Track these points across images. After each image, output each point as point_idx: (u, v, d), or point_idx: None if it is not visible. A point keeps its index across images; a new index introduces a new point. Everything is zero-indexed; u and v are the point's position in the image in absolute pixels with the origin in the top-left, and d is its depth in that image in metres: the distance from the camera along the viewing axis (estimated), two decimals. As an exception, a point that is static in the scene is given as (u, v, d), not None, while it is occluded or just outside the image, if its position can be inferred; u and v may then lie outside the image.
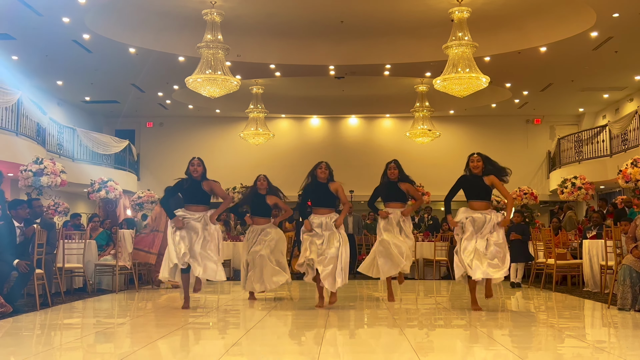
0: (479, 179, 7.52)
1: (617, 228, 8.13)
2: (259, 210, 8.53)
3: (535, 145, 21.35)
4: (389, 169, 8.36)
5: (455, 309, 7.71)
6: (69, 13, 11.83)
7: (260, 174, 8.59)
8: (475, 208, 7.51)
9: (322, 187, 7.77)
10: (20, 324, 6.62)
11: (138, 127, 21.70)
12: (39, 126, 14.90)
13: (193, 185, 7.69)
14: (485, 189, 7.56)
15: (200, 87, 12.19)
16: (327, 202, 7.81)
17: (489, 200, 7.64)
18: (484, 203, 7.55)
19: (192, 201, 7.68)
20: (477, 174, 7.53)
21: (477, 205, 7.52)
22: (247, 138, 17.92)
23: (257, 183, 8.54)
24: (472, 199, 7.57)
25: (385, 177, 8.39)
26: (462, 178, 7.65)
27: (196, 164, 7.73)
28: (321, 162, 7.88)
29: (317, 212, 7.76)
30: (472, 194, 7.58)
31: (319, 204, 7.79)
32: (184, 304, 7.67)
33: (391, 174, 8.33)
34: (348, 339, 5.91)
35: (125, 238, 10.58)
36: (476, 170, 7.53)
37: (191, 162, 7.79)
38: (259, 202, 8.50)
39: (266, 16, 13.01)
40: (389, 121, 21.80)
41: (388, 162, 8.46)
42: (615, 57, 14.43)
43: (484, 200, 7.56)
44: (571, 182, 14.54)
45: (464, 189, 7.63)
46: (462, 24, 11.87)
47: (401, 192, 8.34)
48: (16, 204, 7.99)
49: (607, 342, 5.83)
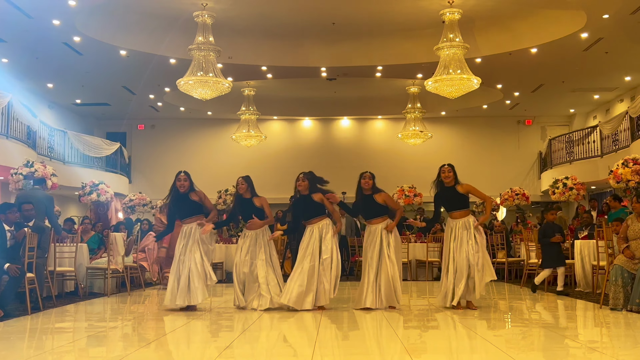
0: (453, 190, 7.76)
1: (609, 228, 8.16)
2: (249, 215, 8.09)
3: (526, 146, 21.43)
4: (363, 177, 7.98)
5: (448, 310, 7.71)
6: (59, 15, 11.77)
7: (239, 177, 8.15)
8: (456, 217, 7.76)
9: (307, 199, 7.83)
10: (11, 328, 6.58)
11: (129, 129, 21.63)
12: (30, 129, 14.83)
13: (182, 200, 7.76)
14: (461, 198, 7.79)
15: (191, 89, 12.16)
16: (316, 213, 7.84)
17: (467, 209, 7.85)
18: (463, 212, 7.75)
19: (186, 215, 7.81)
20: (449, 185, 7.78)
21: (457, 214, 7.75)
22: (239, 140, 17.90)
23: (238, 188, 8.15)
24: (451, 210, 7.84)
25: (359, 190, 8.02)
26: (436, 195, 7.94)
27: (182, 178, 7.78)
28: (299, 175, 7.93)
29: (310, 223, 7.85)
30: (450, 205, 7.84)
31: (308, 218, 7.85)
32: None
33: (365, 184, 7.94)
34: (341, 341, 5.90)
35: (117, 241, 10.53)
36: (447, 180, 7.77)
37: (177, 177, 7.82)
38: (247, 207, 8.07)
39: (258, 18, 13.00)
40: (381, 123, 21.83)
41: (362, 172, 8.11)
42: (606, 58, 14.50)
43: (462, 210, 7.76)
44: (562, 182, 14.58)
45: (443, 203, 7.91)
46: (453, 25, 11.90)
47: (379, 206, 7.92)
48: (5, 208, 7.94)
49: (599, 342, 5.85)
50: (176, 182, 7.79)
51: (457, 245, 7.63)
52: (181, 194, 7.77)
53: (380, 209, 7.92)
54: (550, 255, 9.82)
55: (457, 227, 7.68)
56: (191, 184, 7.84)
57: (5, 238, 7.62)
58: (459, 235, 7.64)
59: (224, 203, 16.27)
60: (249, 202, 8.02)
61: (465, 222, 7.68)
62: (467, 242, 7.59)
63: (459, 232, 7.66)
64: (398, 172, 18.91)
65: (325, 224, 7.84)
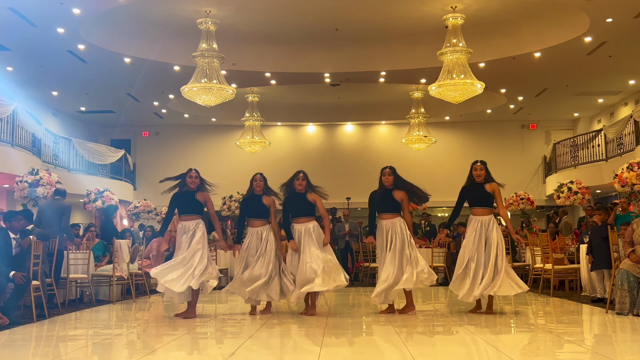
0: (481, 186, 7.75)
1: (614, 233, 8.13)
2: (255, 212, 8.04)
3: (530, 151, 21.41)
4: (383, 174, 8.04)
5: (454, 316, 7.69)
6: (63, 24, 11.83)
7: (257, 173, 8.28)
8: (476, 214, 7.72)
9: (301, 197, 7.96)
10: (17, 335, 6.58)
11: (134, 136, 21.68)
12: (35, 137, 14.88)
13: (187, 196, 7.80)
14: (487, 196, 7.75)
15: (195, 96, 12.19)
16: (307, 212, 7.95)
17: (490, 208, 7.81)
18: (486, 210, 7.74)
19: (186, 211, 7.79)
20: (479, 182, 7.76)
21: (479, 211, 7.72)
22: (243, 146, 17.92)
23: (254, 183, 8.15)
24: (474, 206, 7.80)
25: (380, 184, 8.07)
26: (463, 188, 7.89)
27: (194, 176, 7.86)
28: (299, 173, 8.11)
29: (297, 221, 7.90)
30: (474, 201, 7.80)
31: (297, 215, 7.94)
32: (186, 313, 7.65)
33: (386, 181, 8.00)
34: (347, 347, 5.89)
35: (122, 248, 10.54)
36: (479, 179, 7.75)
37: (189, 174, 7.88)
38: (256, 203, 8.06)
39: (261, 25, 13.03)
40: (384, 128, 21.83)
41: (383, 167, 8.17)
42: (610, 62, 14.48)
43: (485, 207, 7.75)
44: (567, 186, 14.56)
45: (467, 197, 7.87)
46: (456, 30, 11.91)
47: (395, 202, 7.97)
48: (10, 216, 7.95)
49: (605, 347, 5.82)
50: (187, 178, 7.85)
51: (478, 242, 7.59)
52: (189, 190, 7.81)
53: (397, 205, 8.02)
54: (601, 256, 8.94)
55: (480, 225, 7.64)
56: (201, 182, 7.88)
57: (11, 246, 7.64)
58: (482, 234, 7.61)
59: (229, 209, 16.29)
60: (258, 198, 8.04)
61: (485, 221, 7.66)
62: (490, 243, 7.56)
63: (482, 230, 7.62)
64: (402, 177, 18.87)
65: (313, 226, 7.84)
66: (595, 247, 8.95)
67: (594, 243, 9.04)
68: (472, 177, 7.83)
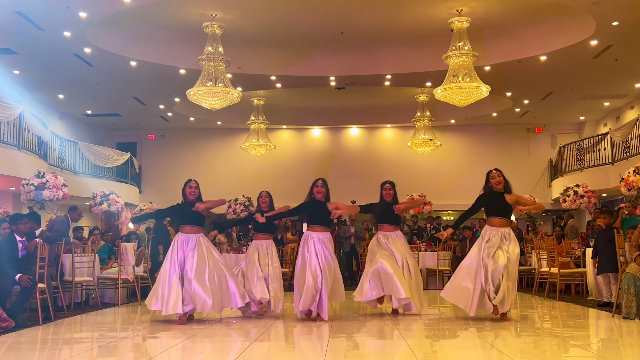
0: (501, 196, 7.47)
1: (620, 236, 8.11)
2: (262, 226, 8.28)
3: (536, 154, 21.34)
4: (384, 189, 8.23)
5: (459, 319, 7.67)
6: (70, 27, 11.87)
7: (263, 191, 8.51)
8: (494, 225, 7.42)
9: (322, 205, 7.77)
10: (23, 338, 6.60)
11: (139, 139, 21.73)
12: (41, 140, 14.92)
13: (187, 207, 7.74)
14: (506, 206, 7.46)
15: (201, 99, 12.21)
16: (325, 221, 7.82)
17: (508, 219, 7.50)
18: (504, 220, 7.44)
19: (187, 222, 7.73)
20: (498, 190, 7.48)
21: (497, 221, 7.42)
22: (249, 149, 17.94)
23: (260, 200, 8.43)
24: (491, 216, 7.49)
25: (381, 198, 8.25)
26: (481, 195, 7.61)
27: (194, 186, 7.80)
28: (318, 181, 7.86)
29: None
30: (492, 210, 7.49)
31: (315, 223, 7.81)
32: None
33: (386, 195, 8.19)
34: (352, 350, 5.88)
35: (127, 251, 10.56)
36: (498, 186, 7.48)
37: (189, 184, 7.82)
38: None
39: (266, 28, 13.06)
40: (390, 131, 21.82)
41: (383, 182, 8.35)
42: (616, 65, 14.44)
43: (503, 218, 7.45)
44: (573, 190, 14.53)
45: (485, 205, 7.58)
46: (462, 33, 11.90)
47: (396, 215, 8.17)
48: (17, 219, 7.99)
49: (612, 351, 5.80)
50: (186, 188, 7.81)
51: (492, 250, 7.20)
52: (189, 201, 7.75)
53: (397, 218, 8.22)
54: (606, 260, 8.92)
55: (495, 235, 7.31)
56: (199, 193, 7.83)
57: (17, 249, 7.67)
58: (496, 242, 7.24)
59: (234, 212, 16.31)
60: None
61: (505, 232, 7.33)
62: (505, 251, 7.20)
63: (496, 239, 7.26)
64: (407, 181, 18.84)
65: (327, 237, 7.74)
66: (601, 250, 8.92)
67: (599, 246, 9.01)
68: (489, 186, 7.55)
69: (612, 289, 8.67)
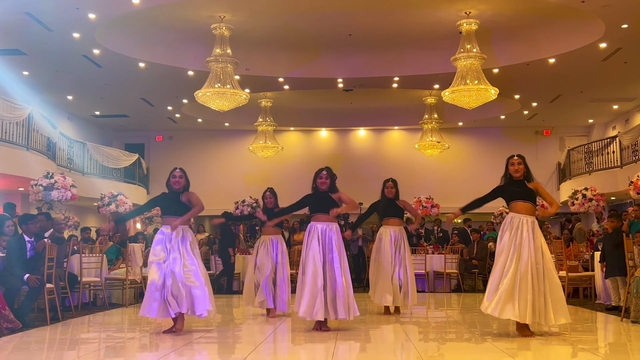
0: (522, 183, 6.64)
1: (629, 240, 8.06)
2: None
3: (545, 157, 21.25)
4: (387, 187, 8.66)
5: (466, 322, 7.65)
6: (79, 28, 11.92)
7: (266, 190, 8.53)
8: (519, 210, 6.53)
9: (325, 195, 7.11)
10: (31, 338, 6.62)
11: (147, 141, 21.79)
12: (50, 141, 14.99)
13: (172, 197, 7.12)
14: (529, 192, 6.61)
15: (209, 101, 12.24)
16: (328, 209, 7.06)
17: (535, 205, 6.63)
18: (530, 206, 6.55)
19: (169, 212, 7.08)
20: (518, 179, 6.64)
21: (522, 206, 6.53)
22: (256, 151, 17.96)
23: (265, 200, 8.51)
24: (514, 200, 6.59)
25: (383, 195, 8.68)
26: (499, 186, 6.74)
27: (178, 175, 7.08)
28: (322, 171, 7.16)
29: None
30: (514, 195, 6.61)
31: (319, 211, 7.12)
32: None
33: (388, 192, 8.60)
34: (359, 353, 5.87)
35: (135, 252, 10.59)
36: (517, 174, 6.64)
37: (172, 173, 7.13)
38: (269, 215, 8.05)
39: (274, 30, 13.07)
40: (397, 133, 21.79)
41: (385, 180, 8.78)
42: (625, 68, 14.38)
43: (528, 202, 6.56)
44: (582, 193, 14.47)
45: (504, 194, 6.68)
46: (470, 36, 11.88)
47: (400, 209, 8.62)
48: (27, 219, 8.02)
49: (620, 355, 5.77)
50: (170, 178, 7.11)
51: (520, 243, 6.32)
52: (174, 190, 7.08)
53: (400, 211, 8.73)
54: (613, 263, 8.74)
55: (522, 222, 6.40)
56: (186, 183, 7.14)
57: (26, 249, 7.70)
58: (524, 232, 6.35)
59: (241, 214, 16.32)
60: (271, 210, 8.26)
61: (533, 221, 6.43)
62: (537, 247, 6.35)
63: (524, 228, 6.37)
64: (415, 183, 18.83)
65: (335, 226, 7.07)
66: (608, 254, 8.86)
67: (606, 250, 8.97)
68: (508, 174, 6.67)
69: (620, 293, 8.59)
